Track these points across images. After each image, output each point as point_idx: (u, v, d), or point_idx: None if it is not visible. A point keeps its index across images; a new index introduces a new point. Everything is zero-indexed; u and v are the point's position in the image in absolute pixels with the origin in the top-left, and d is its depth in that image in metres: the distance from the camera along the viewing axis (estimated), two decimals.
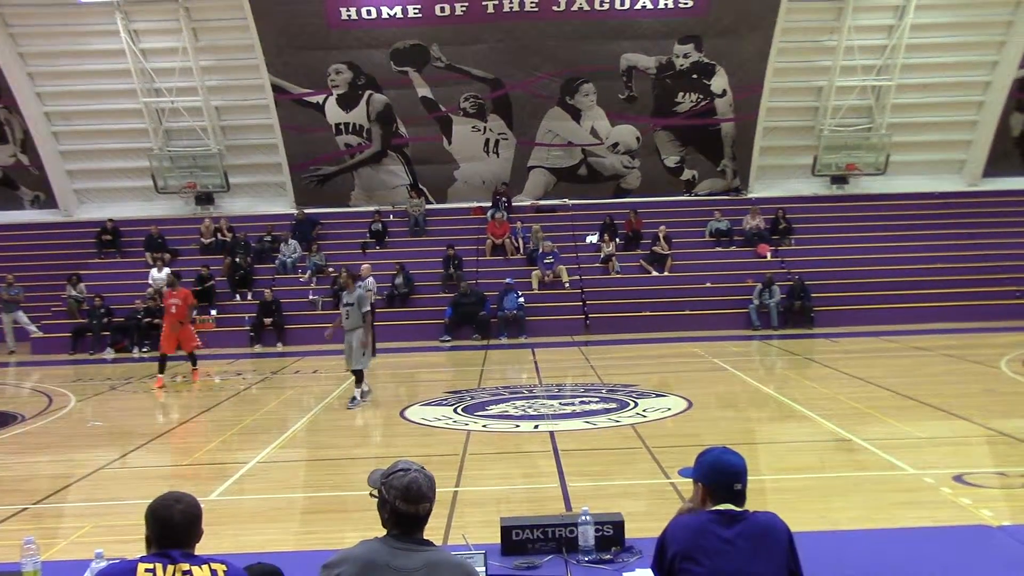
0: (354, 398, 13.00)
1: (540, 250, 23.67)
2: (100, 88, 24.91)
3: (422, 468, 3.54)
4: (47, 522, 8.06)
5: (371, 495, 3.53)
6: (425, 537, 3.50)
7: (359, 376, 13.15)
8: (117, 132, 25.48)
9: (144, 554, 3.49)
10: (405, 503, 3.41)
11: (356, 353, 13.03)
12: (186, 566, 3.41)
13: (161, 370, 15.97)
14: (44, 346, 21.98)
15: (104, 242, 25.14)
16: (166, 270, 22.99)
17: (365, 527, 3.47)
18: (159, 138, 25.36)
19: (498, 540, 5.45)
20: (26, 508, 8.34)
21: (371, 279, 19.60)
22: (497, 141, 25.83)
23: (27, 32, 24.09)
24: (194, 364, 16.29)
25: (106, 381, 17.24)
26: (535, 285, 23.06)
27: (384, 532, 3.49)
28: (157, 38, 24.42)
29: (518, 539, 5.33)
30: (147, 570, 3.38)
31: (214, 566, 3.46)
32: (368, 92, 25.12)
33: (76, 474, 9.68)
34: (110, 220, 25.34)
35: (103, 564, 4.36)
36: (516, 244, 24.61)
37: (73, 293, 22.92)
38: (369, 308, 13.38)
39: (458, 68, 24.77)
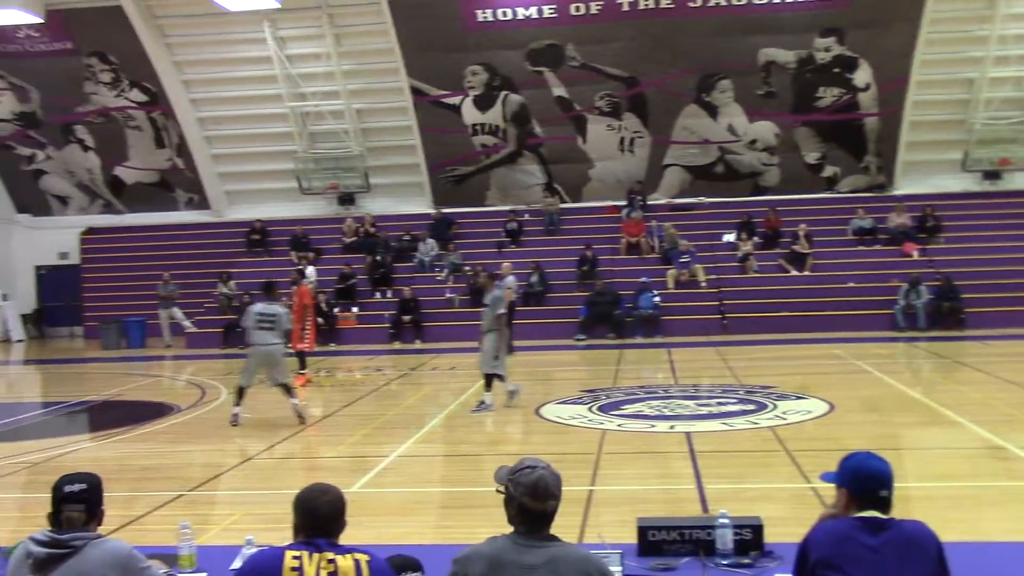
0: (481, 403, 12.57)
1: (676, 249, 23.41)
2: (249, 94, 25.86)
3: (548, 466, 3.55)
4: (200, 508, 8.43)
5: (497, 491, 3.57)
6: (555, 534, 3.51)
7: (488, 381, 12.68)
8: (264, 136, 26.43)
9: (291, 542, 3.62)
10: (532, 500, 3.43)
11: (486, 357, 12.61)
12: (331, 555, 3.52)
13: (306, 365, 16.44)
14: (198, 340, 23.04)
15: (253, 241, 26.18)
16: (311, 268, 23.83)
17: (501, 523, 3.51)
18: (304, 141, 26.19)
19: (634, 540, 5.43)
20: (181, 495, 8.75)
21: (511, 278, 19.61)
22: (632, 139, 25.66)
23: (182, 42, 25.24)
24: (301, 366, 15.95)
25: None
26: (671, 284, 22.82)
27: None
28: (302, 44, 25.20)
29: (655, 540, 5.29)
30: (294, 557, 3.50)
31: (357, 556, 3.55)
32: (504, 93, 25.32)
33: (227, 463, 10.11)
34: (258, 220, 26.35)
35: (253, 550, 4.52)
36: (651, 243, 24.41)
37: (224, 290, 23.95)
38: (505, 311, 12.92)
39: (593, 67, 24.70)
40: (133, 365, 20.47)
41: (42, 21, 23.63)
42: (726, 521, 5.17)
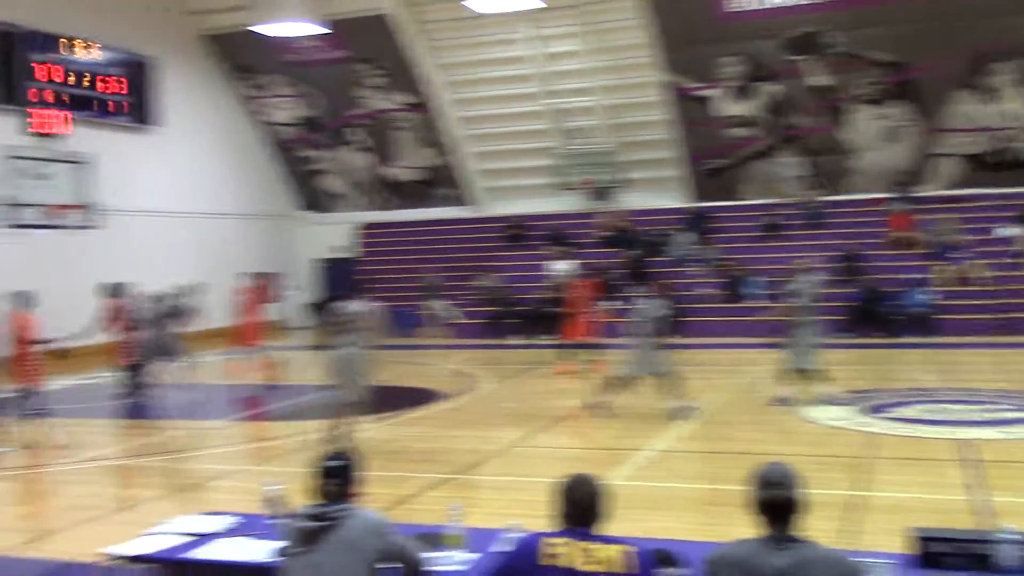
0: (783, 398, 12.45)
1: (948, 243, 21.95)
2: (508, 93, 26.61)
3: (784, 463, 3.57)
4: (465, 491, 8.83)
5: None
6: (813, 539, 3.46)
7: (804, 374, 12.51)
8: (523, 133, 27.12)
9: (554, 529, 3.75)
10: (760, 490, 3.46)
11: (798, 350, 12.43)
12: (590, 544, 3.61)
13: (570, 357, 16.92)
14: (462, 331, 24.04)
15: (512, 236, 27.03)
16: (566, 262, 24.30)
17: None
18: (560, 137, 26.67)
19: (904, 550, 5.20)
20: (451, 478, 9.22)
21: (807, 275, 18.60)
22: (899, 128, 24.28)
23: (447, 45, 26.36)
24: (573, 357, 16.64)
25: (515, 365, 18.52)
26: (943, 281, 21.42)
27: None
28: (558, 43, 25.61)
29: (931, 552, 5.04)
30: (555, 544, 3.62)
31: (618, 547, 3.62)
32: (760, 83, 24.68)
33: (490, 449, 10.52)
34: (516, 216, 27.16)
35: (517, 534, 4.71)
36: (921, 237, 23.00)
37: (485, 283, 24.89)
38: (804, 302, 12.66)
39: (856, 54, 23.55)
40: (403, 353, 21.62)
41: (329, 31, 25.37)
42: (1015, 536, 4.84)
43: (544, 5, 23.16)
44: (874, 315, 20.68)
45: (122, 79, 23.68)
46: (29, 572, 6.96)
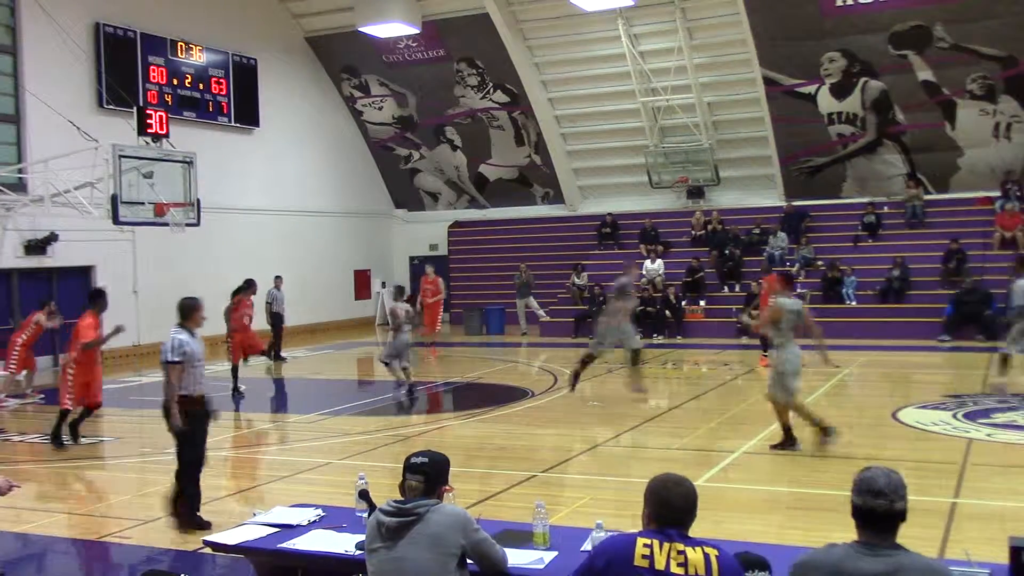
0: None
1: None
2: (602, 91, 26.53)
3: (891, 470, 3.41)
4: (551, 489, 8.87)
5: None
6: (901, 543, 3.36)
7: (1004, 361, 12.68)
8: (617, 132, 27.00)
9: (642, 529, 3.73)
10: (859, 496, 3.34)
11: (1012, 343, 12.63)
12: (680, 546, 3.55)
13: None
14: (550, 329, 24.11)
15: (604, 235, 26.93)
16: (659, 261, 24.15)
17: (851, 527, 3.42)
18: (654, 136, 26.48)
19: (1004, 560, 5.03)
20: (534, 475, 9.25)
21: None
22: (1009, 124, 23.38)
23: (542, 44, 26.40)
24: (764, 350, 16.89)
25: (603, 364, 18.43)
26: None
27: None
28: (654, 40, 25.42)
29: None
30: (645, 544, 3.56)
31: (707, 549, 3.55)
32: (863, 79, 24.04)
33: (576, 448, 10.53)
34: (609, 214, 27.06)
35: (603, 534, 4.69)
36: None
37: (576, 281, 24.88)
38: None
39: (965, 47, 22.77)
40: (492, 350, 21.78)
41: (418, 31, 25.72)
42: None
43: (633, 3, 23.02)
44: (977, 317, 20.00)
45: (222, 80, 24.36)
46: (133, 557, 7.23)
